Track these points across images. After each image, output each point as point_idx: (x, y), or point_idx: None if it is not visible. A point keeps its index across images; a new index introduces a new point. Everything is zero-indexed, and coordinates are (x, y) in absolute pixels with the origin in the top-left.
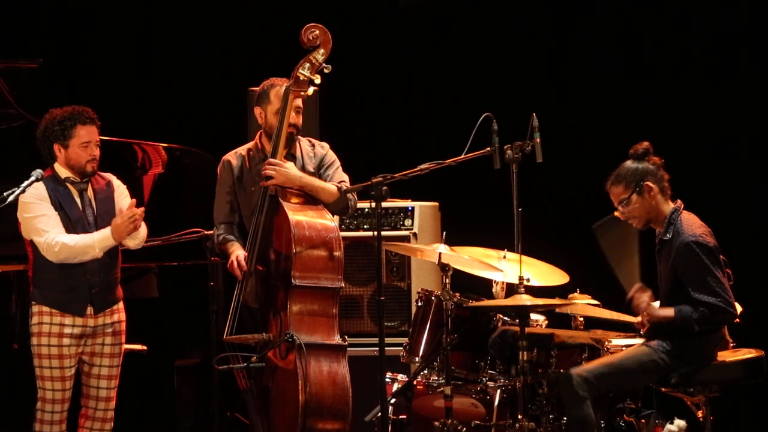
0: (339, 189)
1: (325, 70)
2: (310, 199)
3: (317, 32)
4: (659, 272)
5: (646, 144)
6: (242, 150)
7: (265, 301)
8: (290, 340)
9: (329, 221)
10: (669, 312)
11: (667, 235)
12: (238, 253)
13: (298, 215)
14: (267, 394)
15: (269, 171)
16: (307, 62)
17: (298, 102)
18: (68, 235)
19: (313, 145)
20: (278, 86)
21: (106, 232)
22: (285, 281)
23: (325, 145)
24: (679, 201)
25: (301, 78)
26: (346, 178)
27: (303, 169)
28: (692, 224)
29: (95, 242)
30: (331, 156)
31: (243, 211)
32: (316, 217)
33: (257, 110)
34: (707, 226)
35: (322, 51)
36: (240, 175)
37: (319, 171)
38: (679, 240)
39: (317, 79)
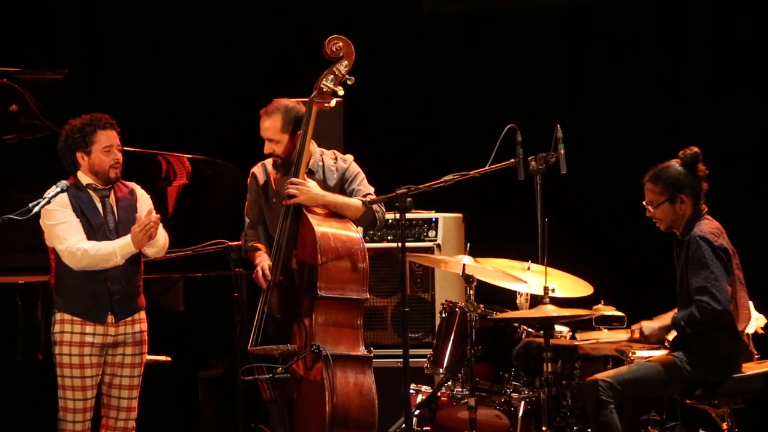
0: (363, 203)
1: (348, 82)
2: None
3: (340, 44)
4: (678, 275)
5: (695, 150)
6: (268, 161)
7: (289, 312)
8: (316, 351)
9: (354, 232)
10: (666, 321)
11: (686, 237)
12: (263, 263)
13: (323, 226)
14: (291, 405)
15: (292, 190)
16: (331, 74)
17: (268, 134)
18: (90, 242)
19: (335, 159)
20: (261, 116)
21: (127, 239)
22: (310, 292)
23: (348, 158)
24: (703, 206)
25: (324, 89)
26: (371, 190)
27: (324, 182)
28: (706, 226)
29: (116, 249)
30: (354, 169)
31: (267, 221)
32: (341, 229)
33: None
34: (723, 231)
35: (345, 63)
36: (264, 186)
37: (343, 186)
38: (689, 237)
39: (340, 91)
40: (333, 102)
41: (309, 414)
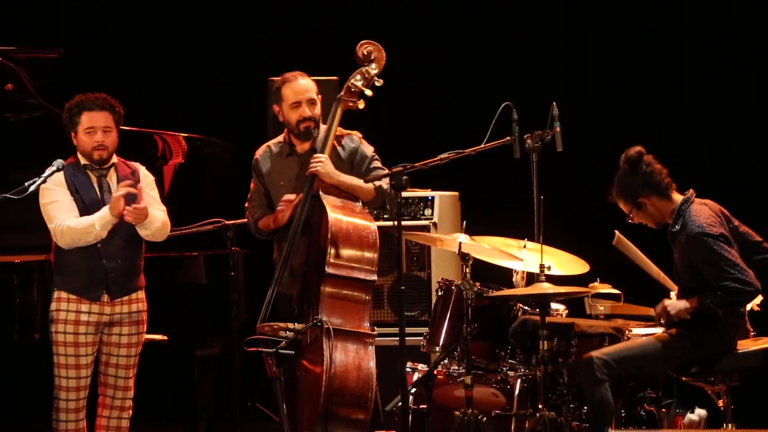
0: (375, 188)
1: (377, 83)
2: (349, 197)
3: (371, 48)
4: (675, 261)
5: (637, 149)
6: (272, 144)
7: (301, 298)
8: (319, 324)
9: (367, 220)
10: (692, 303)
11: (676, 227)
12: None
13: (336, 212)
14: (294, 384)
15: (317, 164)
16: (359, 74)
17: (311, 95)
18: (74, 218)
19: (341, 137)
20: (290, 81)
21: (105, 209)
22: (319, 272)
23: (355, 137)
24: (690, 191)
25: (352, 89)
26: (384, 171)
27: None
28: (699, 214)
29: (95, 220)
30: (364, 150)
31: (276, 204)
32: (355, 216)
33: (275, 108)
34: (716, 214)
35: (374, 66)
36: (269, 170)
37: (352, 163)
38: (686, 232)
39: (368, 92)
40: (361, 103)
41: (308, 388)
